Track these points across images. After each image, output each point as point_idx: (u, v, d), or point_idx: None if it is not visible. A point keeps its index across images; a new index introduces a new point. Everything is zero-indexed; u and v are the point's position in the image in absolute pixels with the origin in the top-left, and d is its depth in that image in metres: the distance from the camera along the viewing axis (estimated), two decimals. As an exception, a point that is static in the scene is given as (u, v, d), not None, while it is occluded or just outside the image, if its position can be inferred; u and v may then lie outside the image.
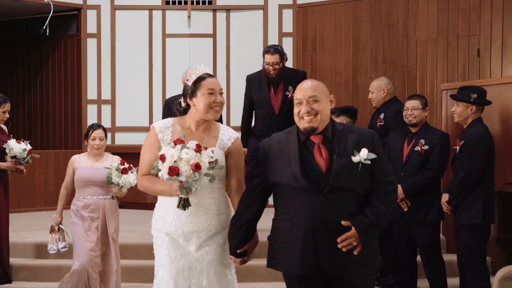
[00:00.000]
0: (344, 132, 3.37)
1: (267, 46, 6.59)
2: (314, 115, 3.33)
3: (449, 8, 8.93)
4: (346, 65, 9.72)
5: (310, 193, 3.24)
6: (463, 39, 8.80)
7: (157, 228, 3.75)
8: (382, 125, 6.09)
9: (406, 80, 9.20)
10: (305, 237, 3.26)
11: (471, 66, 8.69)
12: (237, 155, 3.75)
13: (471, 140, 5.18)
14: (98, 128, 5.72)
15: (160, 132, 3.70)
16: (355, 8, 9.73)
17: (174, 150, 3.37)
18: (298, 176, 3.26)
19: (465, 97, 5.31)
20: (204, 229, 3.64)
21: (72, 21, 10.52)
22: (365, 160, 3.23)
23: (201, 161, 3.35)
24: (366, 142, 3.33)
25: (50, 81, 10.80)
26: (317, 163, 3.29)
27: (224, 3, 10.35)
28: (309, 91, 3.37)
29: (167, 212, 3.68)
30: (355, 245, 3.19)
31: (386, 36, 9.46)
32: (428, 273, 5.61)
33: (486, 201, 5.19)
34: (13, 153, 6.17)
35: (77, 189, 5.68)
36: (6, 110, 6.35)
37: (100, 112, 10.36)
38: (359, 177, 3.26)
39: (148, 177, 3.68)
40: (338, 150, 3.28)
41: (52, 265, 6.51)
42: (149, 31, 10.39)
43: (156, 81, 10.39)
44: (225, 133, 3.76)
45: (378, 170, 3.32)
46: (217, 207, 3.69)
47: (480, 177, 5.19)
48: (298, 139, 3.38)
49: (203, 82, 3.65)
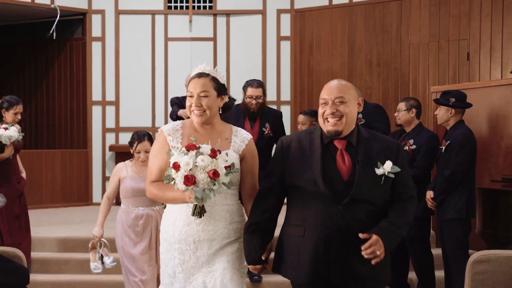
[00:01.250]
0: (369, 140, 3.13)
1: (249, 79, 6.14)
2: (339, 117, 3.08)
3: (440, 14, 9.08)
4: (342, 68, 9.83)
5: (328, 201, 3.03)
6: (453, 43, 8.94)
7: (166, 237, 3.46)
8: (363, 123, 6.33)
9: (399, 83, 9.36)
10: (317, 246, 3.05)
11: (461, 69, 8.86)
12: (252, 158, 3.48)
13: (458, 141, 5.44)
14: (143, 139, 5.09)
15: (169, 135, 3.44)
16: (351, 13, 9.83)
17: (187, 157, 3.09)
18: (318, 181, 3.04)
19: (445, 101, 5.56)
20: (216, 238, 3.37)
21: (77, 25, 10.55)
22: (388, 173, 3.04)
23: (218, 167, 3.09)
24: (391, 153, 3.11)
25: (56, 83, 10.80)
26: (339, 170, 3.06)
27: (224, 8, 10.41)
28: (336, 91, 3.11)
29: (176, 219, 3.40)
30: (378, 254, 2.97)
31: (380, 40, 9.59)
32: (415, 266, 5.87)
33: (469, 197, 5.48)
34: (13, 139, 6.09)
35: (124, 200, 5.15)
36: (18, 111, 6.34)
37: (104, 113, 10.42)
38: (380, 190, 3.07)
39: (157, 184, 3.40)
40: (361, 160, 3.06)
41: (62, 258, 6.71)
42: (152, 34, 10.42)
43: (159, 83, 10.45)
44: (238, 134, 3.50)
45: (399, 184, 3.12)
46: (230, 215, 3.41)
47: (465, 174, 5.47)
48: (321, 142, 3.13)
49: (189, 83, 3.47)
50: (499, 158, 6.44)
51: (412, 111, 5.88)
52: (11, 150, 6.15)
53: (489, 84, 6.79)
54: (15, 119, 6.35)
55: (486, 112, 6.54)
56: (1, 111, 6.28)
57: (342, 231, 3.01)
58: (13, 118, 6.33)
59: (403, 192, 3.11)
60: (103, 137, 10.45)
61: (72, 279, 6.52)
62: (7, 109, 6.28)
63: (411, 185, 3.16)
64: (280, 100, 10.36)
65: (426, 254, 5.84)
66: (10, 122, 6.26)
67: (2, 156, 6.13)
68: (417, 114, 5.94)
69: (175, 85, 10.04)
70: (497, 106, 6.46)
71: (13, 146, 6.15)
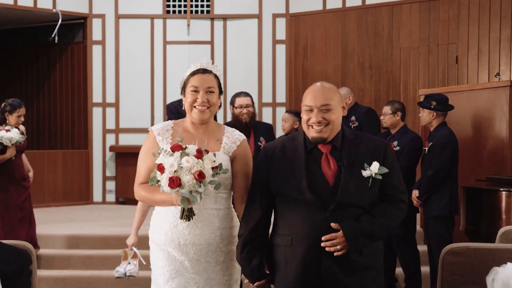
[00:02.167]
0: (354, 142, 2.98)
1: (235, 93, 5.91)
2: (325, 125, 2.93)
3: (429, 19, 9.29)
4: (335, 71, 10.00)
5: (315, 208, 2.87)
6: (442, 47, 9.16)
7: (152, 238, 3.30)
8: (356, 126, 6.59)
9: (390, 85, 9.56)
10: (305, 256, 2.88)
11: (450, 72, 9.07)
12: (244, 159, 3.27)
13: (440, 142, 5.67)
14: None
15: (158, 135, 3.26)
16: (344, 18, 10.02)
17: (172, 158, 2.93)
18: (303, 188, 2.88)
19: (427, 104, 5.80)
20: (202, 243, 3.18)
21: (78, 29, 10.69)
22: (376, 174, 2.88)
23: (204, 168, 2.92)
24: (378, 154, 2.94)
25: (58, 85, 10.93)
26: (324, 175, 2.91)
27: (221, 12, 10.54)
28: (322, 98, 2.94)
29: (163, 221, 3.24)
30: (338, 248, 2.84)
31: (372, 43, 9.79)
32: (401, 262, 6.08)
33: (452, 195, 5.72)
34: (14, 141, 6.26)
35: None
36: (21, 114, 6.48)
37: (104, 114, 10.55)
38: (368, 192, 2.90)
39: (146, 186, 3.21)
40: (346, 162, 2.90)
41: (65, 254, 6.92)
42: (151, 38, 10.55)
43: (157, 85, 10.57)
44: (230, 135, 3.29)
45: (388, 186, 2.96)
46: (219, 220, 3.22)
47: (447, 174, 5.70)
48: (305, 148, 2.98)
49: (191, 78, 3.25)
50: (484, 158, 6.65)
51: (397, 114, 6.13)
52: (13, 151, 6.33)
53: (475, 87, 6.98)
54: (18, 121, 6.50)
55: (472, 114, 6.74)
56: (5, 114, 6.44)
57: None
58: (17, 120, 6.48)
59: (391, 195, 2.96)
60: (103, 138, 10.61)
61: (75, 274, 6.72)
62: (10, 112, 6.44)
63: (401, 189, 3.00)
64: (275, 102, 10.57)
65: (412, 251, 6.05)
66: (14, 124, 6.42)
67: (3, 157, 6.32)
68: (402, 116, 6.18)
69: (174, 87, 10.20)
70: (483, 108, 6.66)
71: (15, 148, 6.33)
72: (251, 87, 10.13)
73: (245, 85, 9.76)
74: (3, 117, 6.44)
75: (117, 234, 7.11)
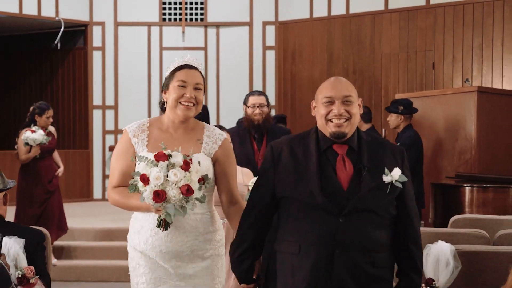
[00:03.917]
0: (372, 144, 2.71)
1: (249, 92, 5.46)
2: (346, 119, 2.64)
3: (408, 27, 9.75)
4: (321, 75, 10.32)
5: (327, 213, 2.58)
6: (420, 53, 9.63)
7: (132, 245, 3.02)
8: None
9: (372, 89, 10.00)
10: (316, 265, 2.59)
11: (428, 77, 9.54)
12: (226, 160, 3.01)
13: (406, 143, 6.11)
14: None
15: (134, 137, 2.97)
16: (329, 26, 10.43)
17: (157, 169, 2.66)
18: (315, 192, 2.59)
19: (395, 109, 6.25)
20: (185, 250, 2.93)
21: (80, 35, 10.97)
22: (396, 181, 2.61)
23: (191, 181, 2.68)
24: (395, 160, 2.68)
25: (60, 89, 11.24)
26: (338, 177, 2.62)
27: (215, 20, 10.88)
28: (345, 90, 2.66)
29: (143, 227, 2.96)
30: None
31: (355, 50, 10.21)
32: None
33: (418, 191, 6.13)
34: (38, 142, 6.48)
35: None
36: (49, 115, 6.70)
37: (104, 116, 10.88)
38: (385, 199, 2.62)
39: (120, 189, 2.93)
40: (368, 166, 2.63)
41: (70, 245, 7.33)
42: (148, 44, 10.89)
43: (154, 88, 10.87)
44: (211, 134, 3.02)
45: (407, 196, 2.68)
46: (202, 224, 2.97)
47: (413, 172, 6.19)
48: (317, 148, 2.68)
49: (177, 73, 2.95)
50: (454, 157, 7.04)
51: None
52: (36, 150, 6.63)
53: (446, 92, 7.40)
54: (47, 122, 6.75)
55: (445, 116, 7.12)
56: (34, 116, 6.72)
57: (344, 246, 2.57)
58: (46, 122, 6.73)
59: (410, 207, 2.69)
60: (103, 139, 10.95)
61: (79, 264, 7.18)
62: (39, 114, 6.72)
63: (414, 200, 2.75)
64: (265, 105, 10.98)
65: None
66: (43, 125, 6.70)
67: (28, 156, 6.64)
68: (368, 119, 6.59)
69: None
70: (454, 111, 7.04)
71: (39, 148, 6.63)
72: (242, 91, 10.32)
73: (237, 89, 10.24)
74: (32, 119, 6.73)
75: (117, 227, 7.62)
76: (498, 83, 9.04)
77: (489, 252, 3.50)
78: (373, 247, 2.59)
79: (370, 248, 2.59)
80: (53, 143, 6.91)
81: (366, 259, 2.58)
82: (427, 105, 7.14)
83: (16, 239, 3.29)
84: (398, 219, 2.67)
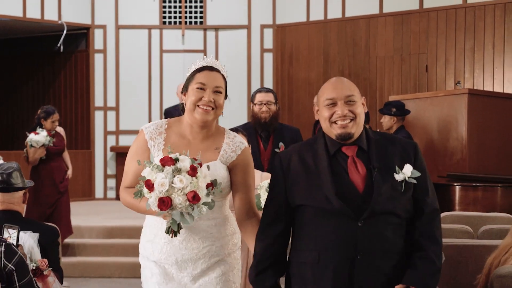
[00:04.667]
0: (381, 142, 2.62)
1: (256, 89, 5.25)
2: (350, 119, 2.56)
3: (402, 31, 9.92)
4: (317, 77, 10.50)
5: (345, 218, 2.49)
6: (414, 56, 9.81)
7: (145, 255, 2.89)
8: None
9: (368, 91, 10.13)
10: (337, 273, 2.49)
11: (421, 79, 9.71)
12: (244, 169, 2.86)
13: None
14: None
15: (150, 139, 2.82)
16: (325, 29, 10.58)
17: (163, 175, 2.52)
18: (331, 197, 2.49)
19: (387, 111, 6.41)
20: (201, 257, 2.80)
21: (81, 38, 11.11)
22: (409, 178, 2.51)
23: (199, 187, 2.54)
24: (407, 156, 2.58)
25: (62, 91, 11.37)
26: (352, 180, 2.53)
27: (213, 23, 11.00)
28: (346, 89, 2.58)
29: (156, 236, 2.82)
30: None
31: (351, 52, 10.37)
32: None
33: None
34: (41, 144, 6.61)
35: None
36: (55, 119, 6.83)
37: (106, 117, 11.01)
38: (402, 198, 2.52)
39: (132, 190, 2.72)
40: (377, 165, 2.54)
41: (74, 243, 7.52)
42: (148, 47, 11.00)
43: (154, 90, 11.01)
44: (231, 142, 2.86)
45: (421, 191, 2.56)
46: (218, 229, 2.84)
47: None
48: (327, 152, 2.59)
49: (197, 75, 2.80)
50: (446, 158, 7.17)
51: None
52: (41, 152, 6.80)
53: (438, 94, 7.53)
54: (53, 126, 6.87)
55: (437, 118, 7.25)
56: (40, 120, 6.87)
57: (365, 251, 2.48)
58: (51, 125, 6.86)
59: (427, 203, 2.57)
60: (104, 139, 11.09)
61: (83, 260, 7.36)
62: (45, 118, 6.87)
63: (434, 195, 2.62)
64: (263, 106, 11.14)
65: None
66: (49, 129, 6.84)
67: (34, 157, 6.77)
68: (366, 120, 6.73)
69: (170, 92, 10.56)
70: (446, 113, 7.16)
71: (44, 149, 6.80)
72: (241, 92, 10.72)
73: (235, 91, 10.28)
74: (39, 122, 6.87)
75: (119, 225, 7.85)
76: (489, 85, 9.20)
77: (469, 246, 3.78)
78: (395, 249, 2.52)
79: (392, 251, 2.51)
80: (61, 145, 7.05)
81: (388, 263, 2.50)
82: (420, 107, 7.26)
83: (30, 234, 3.46)
84: (414, 214, 2.58)
